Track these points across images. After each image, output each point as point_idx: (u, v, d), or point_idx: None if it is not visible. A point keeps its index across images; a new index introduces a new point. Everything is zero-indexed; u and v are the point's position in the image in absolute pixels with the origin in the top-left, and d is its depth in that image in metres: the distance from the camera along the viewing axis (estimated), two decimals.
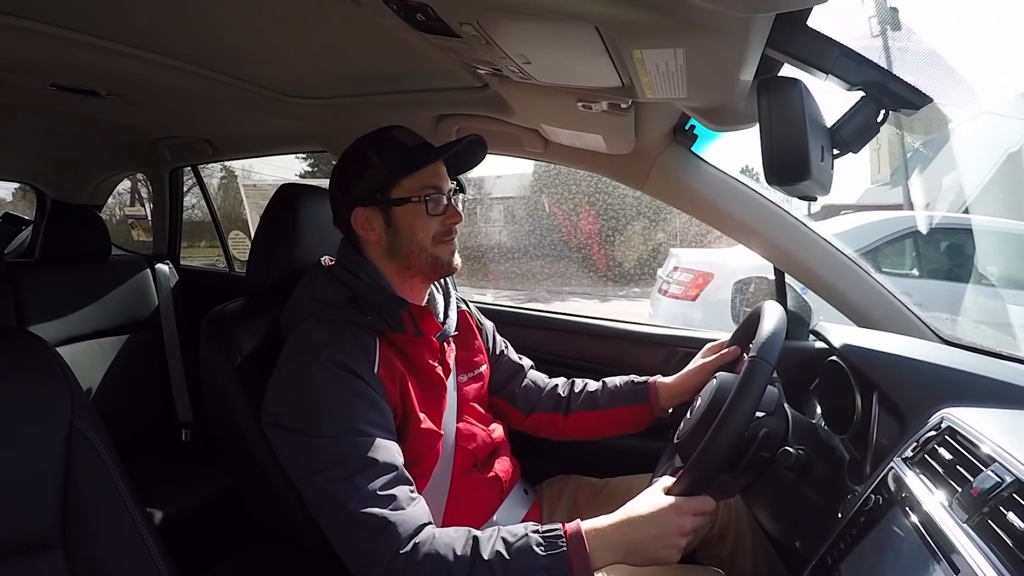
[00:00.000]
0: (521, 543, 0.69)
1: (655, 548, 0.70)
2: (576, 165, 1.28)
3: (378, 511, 0.71)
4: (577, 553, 0.69)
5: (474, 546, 0.70)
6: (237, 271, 2.18)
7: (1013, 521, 0.48)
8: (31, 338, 0.70)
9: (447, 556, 0.69)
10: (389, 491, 0.73)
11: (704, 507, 0.72)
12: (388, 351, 0.84)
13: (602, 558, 0.70)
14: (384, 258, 0.89)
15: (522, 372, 1.12)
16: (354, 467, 0.73)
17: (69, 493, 0.65)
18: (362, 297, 0.85)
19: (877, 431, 0.76)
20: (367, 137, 0.90)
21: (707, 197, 1.13)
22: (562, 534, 0.70)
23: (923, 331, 1.05)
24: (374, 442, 0.75)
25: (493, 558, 0.68)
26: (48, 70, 1.06)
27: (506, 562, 0.68)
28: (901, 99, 0.70)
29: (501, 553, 0.69)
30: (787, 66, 0.72)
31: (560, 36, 0.63)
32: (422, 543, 0.70)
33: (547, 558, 0.68)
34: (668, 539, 0.70)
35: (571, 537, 0.70)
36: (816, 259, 1.09)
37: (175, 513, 1.33)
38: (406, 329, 0.85)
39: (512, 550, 0.69)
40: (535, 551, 0.69)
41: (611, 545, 0.70)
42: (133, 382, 1.71)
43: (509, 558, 0.68)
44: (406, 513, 0.72)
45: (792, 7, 0.52)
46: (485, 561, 0.68)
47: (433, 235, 0.87)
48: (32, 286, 1.56)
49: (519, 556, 0.68)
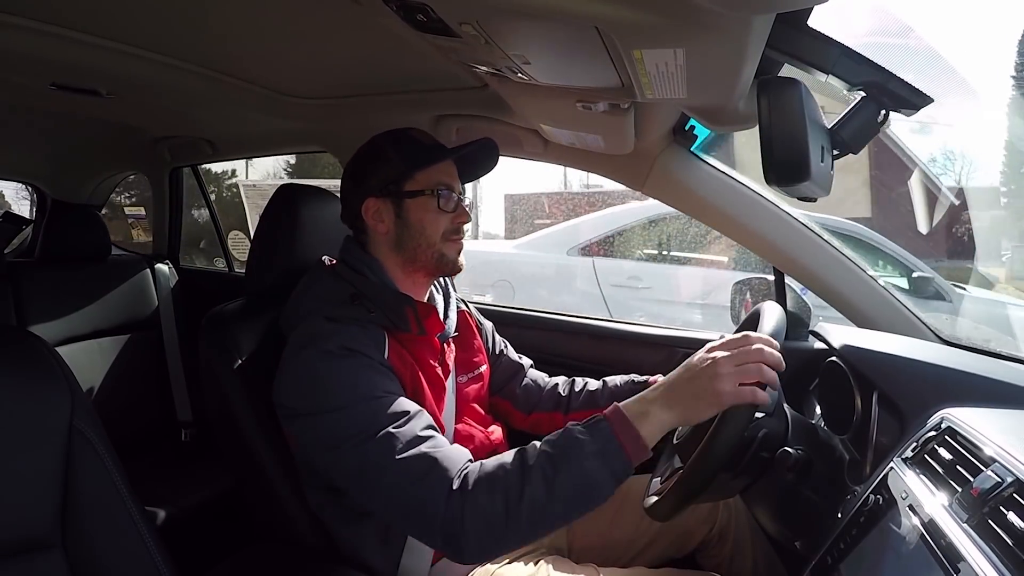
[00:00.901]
0: (564, 439, 0.69)
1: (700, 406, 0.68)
2: (575, 165, 1.28)
3: (417, 453, 0.70)
4: (623, 428, 0.68)
5: (521, 457, 0.69)
6: (237, 271, 2.18)
7: (1013, 521, 0.48)
8: (31, 338, 0.70)
9: (498, 474, 0.69)
10: (424, 434, 0.73)
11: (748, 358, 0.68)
12: (396, 344, 0.84)
13: (648, 428, 0.68)
14: (390, 251, 0.89)
15: (522, 371, 1.12)
16: (382, 423, 0.72)
17: (69, 493, 0.65)
18: (366, 294, 0.85)
19: (877, 431, 0.76)
20: (384, 134, 0.91)
21: (706, 197, 1.13)
22: (601, 417, 0.70)
23: (923, 331, 1.05)
24: (396, 399, 0.75)
25: (542, 461, 0.68)
26: (48, 69, 1.06)
27: (555, 459, 0.68)
28: (901, 99, 0.70)
29: (548, 453, 0.68)
30: (787, 66, 0.72)
31: (560, 36, 0.63)
32: (471, 472, 0.70)
33: (594, 442, 0.67)
34: (711, 396, 0.67)
35: (611, 416, 0.70)
36: (816, 259, 1.09)
37: (175, 513, 1.33)
38: (410, 327, 0.85)
39: (558, 447, 0.69)
40: (580, 439, 0.68)
41: (654, 413, 0.69)
42: (133, 382, 1.71)
43: (556, 453, 0.68)
44: (447, 450, 0.72)
45: (792, 7, 0.52)
46: (534, 466, 0.68)
47: (442, 231, 0.88)
48: (32, 286, 1.56)
49: (566, 449, 0.68)
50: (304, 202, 1.02)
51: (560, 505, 0.67)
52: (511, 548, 0.72)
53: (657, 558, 1.00)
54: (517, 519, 0.66)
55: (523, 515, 0.66)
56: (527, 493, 0.66)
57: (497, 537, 0.68)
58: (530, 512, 0.66)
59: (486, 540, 0.67)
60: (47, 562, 0.63)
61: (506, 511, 0.66)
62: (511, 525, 0.66)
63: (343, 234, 0.95)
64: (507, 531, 0.67)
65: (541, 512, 0.67)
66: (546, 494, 0.66)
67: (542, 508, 0.67)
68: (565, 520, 0.69)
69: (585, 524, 1.01)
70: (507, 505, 0.66)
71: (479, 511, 0.67)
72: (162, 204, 2.05)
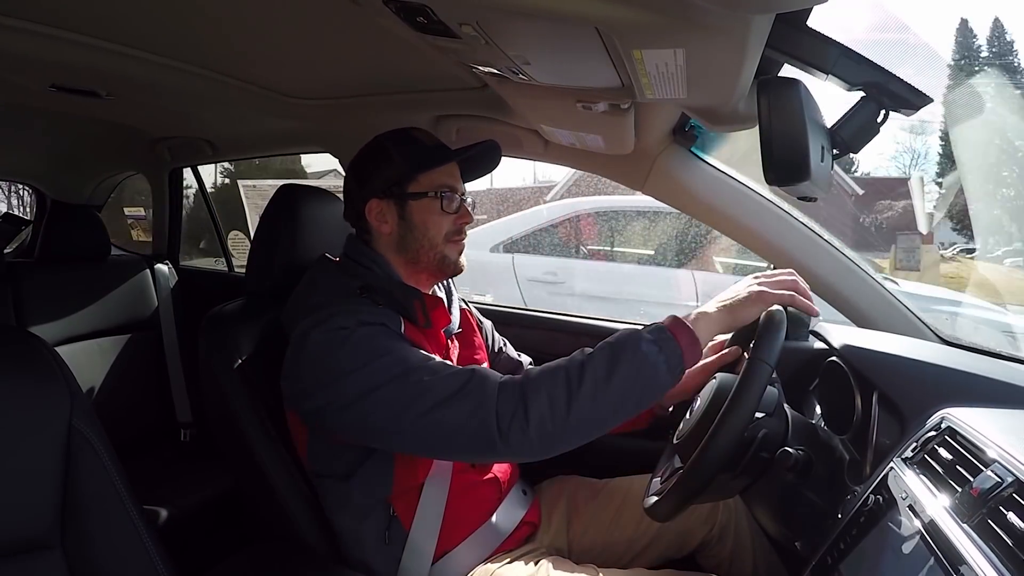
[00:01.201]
0: (623, 333, 0.75)
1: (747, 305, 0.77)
2: (575, 165, 1.28)
3: (455, 371, 0.74)
4: (677, 326, 0.74)
5: (581, 351, 0.75)
6: (237, 271, 2.18)
7: (1013, 521, 0.48)
8: (30, 338, 0.70)
9: (560, 363, 0.74)
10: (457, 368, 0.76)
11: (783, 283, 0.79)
12: (409, 327, 0.84)
13: (700, 327, 0.75)
14: (394, 252, 0.90)
15: (521, 368, 1.13)
16: (412, 364, 0.74)
17: (68, 493, 0.65)
18: (373, 287, 0.85)
19: (877, 431, 0.76)
20: (387, 134, 0.91)
21: (707, 197, 1.13)
22: (658, 322, 0.76)
23: (923, 331, 1.05)
24: (419, 351, 0.77)
25: (603, 347, 0.73)
26: (48, 71, 1.06)
27: (615, 346, 0.73)
28: (901, 99, 0.70)
29: (608, 342, 0.74)
30: (787, 66, 0.72)
31: (560, 37, 0.63)
32: (528, 371, 0.76)
33: (650, 333, 0.74)
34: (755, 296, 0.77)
35: (667, 319, 0.76)
36: (816, 259, 1.09)
37: (174, 513, 1.33)
38: (417, 320, 0.85)
39: (617, 338, 0.74)
40: (637, 331, 0.74)
41: (705, 317, 0.76)
42: (132, 382, 1.71)
43: (615, 342, 0.73)
44: (486, 370, 0.76)
45: (792, 7, 0.52)
46: (595, 353, 0.73)
47: (445, 233, 0.89)
48: (32, 286, 1.55)
49: (624, 339, 0.73)
50: (304, 202, 1.02)
51: (617, 393, 0.71)
52: (568, 443, 0.73)
53: (657, 558, 1.00)
54: (578, 402, 0.70)
55: (584, 397, 0.70)
56: (587, 374, 0.71)
57: (559, 424, 0.70)
58: (591, 393, 0.70)
59: (549, 424, 0.70)
60: (46, 562, 0.63)
61: (567, 391, 0.70)
62: (573, 410, 0.70)
63: (343, 234, 0.95)
64: (568, 419, 0.70)
65: (602, 395, 0.71)
66: (606, 375, 0.71)
67: (603, 391, 0.71)
68: (618, 412, 0.72)
69: (585, 524, 1.01)
70: (568, 385, 0.71)
71: (543, 394, 0.70)
72: (162, 204, 2.05)
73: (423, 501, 0.86)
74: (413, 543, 0.84)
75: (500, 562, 0.88)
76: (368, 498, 0.85)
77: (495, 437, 0.70)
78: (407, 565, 0.84)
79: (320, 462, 0.86)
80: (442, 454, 0.81)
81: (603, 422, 0.73)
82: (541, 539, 0.98)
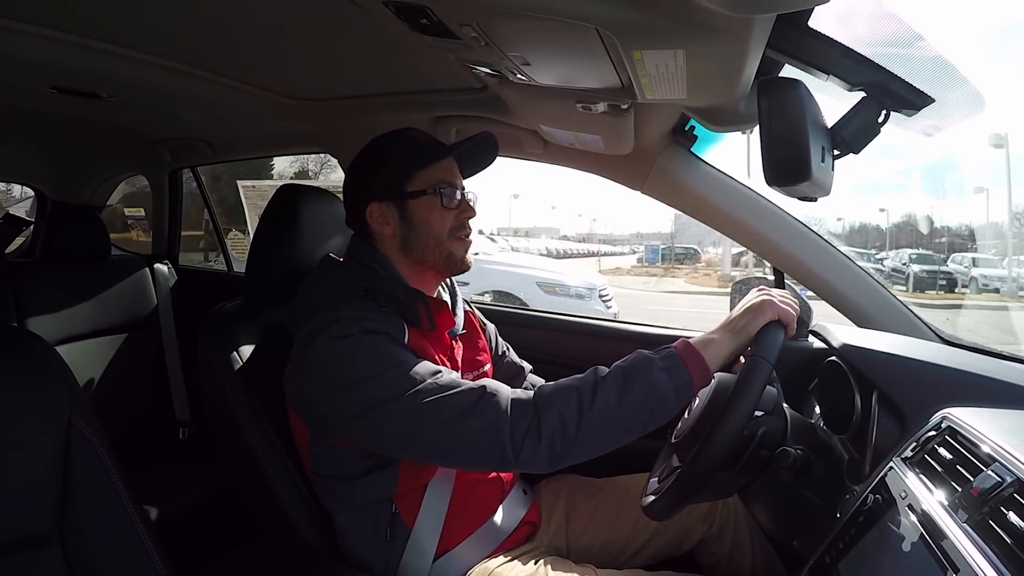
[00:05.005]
0: (635, 357, 0.77)
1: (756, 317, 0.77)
2: (575, 166, 1.28)
3: (468, 387, 0.75)
4: (687, 352, 0.76)
5: (594, 370, 0.77)
6: (236, 271, 2.18)
7: (1013, 521, 0.48)
8: (31, 337, 0.70)
9: (571, 383, 0.75)
10: (464, 379, 0.77)
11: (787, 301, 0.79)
12: (414, 333, 0.84)
13: (711, 352, 0.76)
14: (398, 253, 0.89)
15: (523, 374, 1.13)
16: (422, 377, 0.74)
17: (67, 491, 0.65)
18: (377, 289, 0.85)
19: (876, 431, 0.76)
20: (381, 136, 0.91)
21: (706, 198, 1.13)
22: (669, 347, 0.78)
23: (923, 331, 1.05)
24: (426, 363, 0.78)
25: (615, 371, 0.75)
26: (50, 73, 1.06)
27: (627, 371, 0.75)
28: (902, 99, 0.70)
29: (621, 366, 0.76)
30: (787, 66, 0.72)
31: (560, 37, 0.63)
32: (542, 387, 0.77)
33: (662, 360, 0.75)
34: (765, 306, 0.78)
35: (678, 344, 0.78)
36: (815, 259, 1.09)
37: (172, 511, 1.33)
38: (421, 322, 0.84)
39: (629, 362, 0.76)
40: (650, 357, 0.76)
41: (716, 340, 0.77)
42: (132, 381, 1.71)
43: (628, 367, 0.75)
44: (498, 386, 0.76)
45: (793, 7, 0.52)
46: (607, 376, 0.75)
47: (448, 229, 0.88)
48: (32, 286, 1.56)
49: (637, 364, 0.75)
50: (304, 202, 1.02)
51: (626, 417, 0.73)
52: (575, 460, 0.74)
53: (656, 557, 1.00)
54: (588, 422, 0.72)
55: (595, 418, 0.72)
56: (599, 397, 0.73)
57: (568, 443, 0.72)
58: (601, 415, 0.72)
59: (559, 443, 0.72)
60: (45, 559, 0.63)
61: (579, 411, 0.72)
62: (582, 430, 0.72)
63: (343, 234, 0.95)
64: (577, 439, 0.72)
65: (611, 418, 0.72)
66: (617, 399, 0.73)
67: (612, 414, 0.72)
68: (626, 434, 0.74)
69: (584, 522, 1.01)
70: (580, 406, 0.72)
71: (555, 413, 0.72)
72: (161, 204, 2.05)
73: (427, 500, 0.86)
74: (415, 541, 0.84)
75: (500, 561, 0.88)
76: (371, 498, 0.84)
77: (508, 453, 0.71)
78: (408, 562, 0.84)
79: (322, 463, 0.86)
80: (453, 465, 0.83)
81: (610, 443, 0.74)
82: (541, 538, 0.98)
